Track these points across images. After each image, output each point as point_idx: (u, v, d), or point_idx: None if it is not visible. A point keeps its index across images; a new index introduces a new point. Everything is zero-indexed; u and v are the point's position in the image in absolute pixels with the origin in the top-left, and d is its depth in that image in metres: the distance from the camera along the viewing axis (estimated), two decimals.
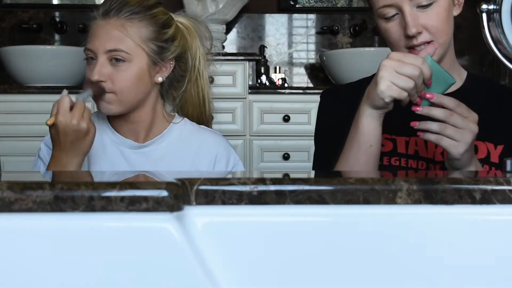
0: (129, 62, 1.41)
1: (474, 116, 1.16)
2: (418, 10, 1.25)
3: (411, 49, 1.27)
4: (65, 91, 1.36)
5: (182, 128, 1.51)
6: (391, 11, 1.26)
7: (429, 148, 1.32)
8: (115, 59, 1.40)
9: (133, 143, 1.48)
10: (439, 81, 1.19)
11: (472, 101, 1.35)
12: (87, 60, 1.44)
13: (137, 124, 1.47)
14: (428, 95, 1.16)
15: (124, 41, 1.40)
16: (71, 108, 1.33)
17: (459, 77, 1.37)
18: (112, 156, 1.47)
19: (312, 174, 0.91)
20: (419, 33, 1.25)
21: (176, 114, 1.54)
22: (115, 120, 1.49)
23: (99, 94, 1.40)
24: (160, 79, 1.46)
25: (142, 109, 1.46)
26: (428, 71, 1.15)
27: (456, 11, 1.31)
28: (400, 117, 1.26)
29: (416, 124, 1.17)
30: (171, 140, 1.49)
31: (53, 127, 1.33)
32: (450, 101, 1.15)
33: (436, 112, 1.15)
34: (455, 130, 1.14)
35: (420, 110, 1.17)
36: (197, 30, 1.54)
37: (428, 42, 1.26)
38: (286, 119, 2.74)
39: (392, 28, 1.27)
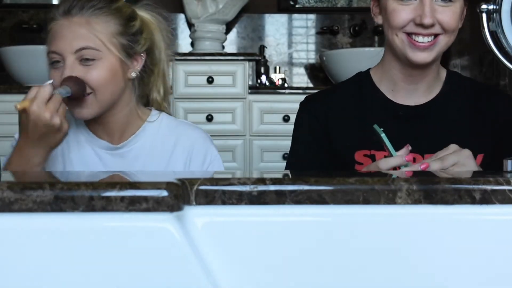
0: (99, 60, 1.33)
1: (464, 152, 1.20)
2: (437, 3, 1.28)
3: (409, 35, 1.29)
4: (49, 81, 1.27)
5: (158, 126, 1.44)
6: None
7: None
8: (85, 59, 1.32)
9: (108, 145, 1.41)
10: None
11: (450, 107, 1.37)
12: (51, 65, 1.35)
13: (111, 125, 1.40)
14: (422, 166, 1.19)
15: (92, 38, 1.32)
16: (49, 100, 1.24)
17: (439, 80, 1.39)
18: (87, 156, 1.41)
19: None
20: (432, 25, 1.27)
21: (153, 110, 1.46)
22: (89, 120, 1.41)
23: (77, 95, 1.31)
24: (133, 74, 1.39)
25: (116, 109, 1.39)
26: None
27: (459, 24, 1.34)
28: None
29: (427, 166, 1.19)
30: (146, 140, 1.42)
31: (24, 114, 1.24)
32: (435, 166, 1.18)
33: (434, 167, 1.18)
34: (456, 167, 1.18)
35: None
36: (158, 24, 1.45)
37: (436, 36, 1.28)
38: (286, 119, 2.74)
39: (403, 11, 1.28)
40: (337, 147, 1.38)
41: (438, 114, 1.37)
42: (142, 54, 1.39)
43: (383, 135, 1.22)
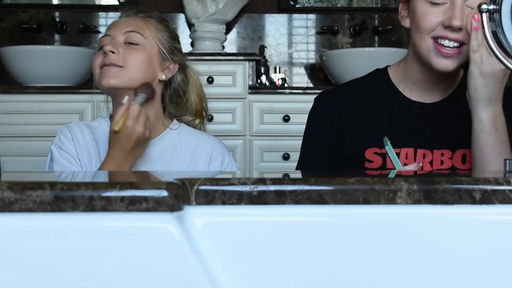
0: (142, 47, 1.50)
1: None
2: (468, 9, 1.27)
3: (435, 40, 1.29)
4: (126, 97, 1.43)
5: (179, 132, 1.57)
6: None
7: (418, 160, 1.34)
8: (130, 43, 1.50)
9: None
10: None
11: (463, 105, 1.37)
12: (99, 51, 1.52)
13: None
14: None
15: (142, 28, 1.52)
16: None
17: (456, 80, 1.41)
18: None
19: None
20: (460, 29, 1.26)
21: (174, 120, 1.60)
22: None
23: (152, 96, 1.48)
24: (163, 77, 1.53)
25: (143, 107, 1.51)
26: None
27: None
28: (390, 130, 1.27)
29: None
30: (169, 142, 1.55)
31: (117, 132, 1.41)
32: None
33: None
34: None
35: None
36: (194, 73, 1.64)
37: (461, 45, 1.28)
38: (286, 119, 2.74)
39: (433, 14, 1.29)
40: (349, 144, 1.38)
41: (452, 111, 1.38)
42: (176, 66, 1.57)
43: (388, 147, 1.22)
